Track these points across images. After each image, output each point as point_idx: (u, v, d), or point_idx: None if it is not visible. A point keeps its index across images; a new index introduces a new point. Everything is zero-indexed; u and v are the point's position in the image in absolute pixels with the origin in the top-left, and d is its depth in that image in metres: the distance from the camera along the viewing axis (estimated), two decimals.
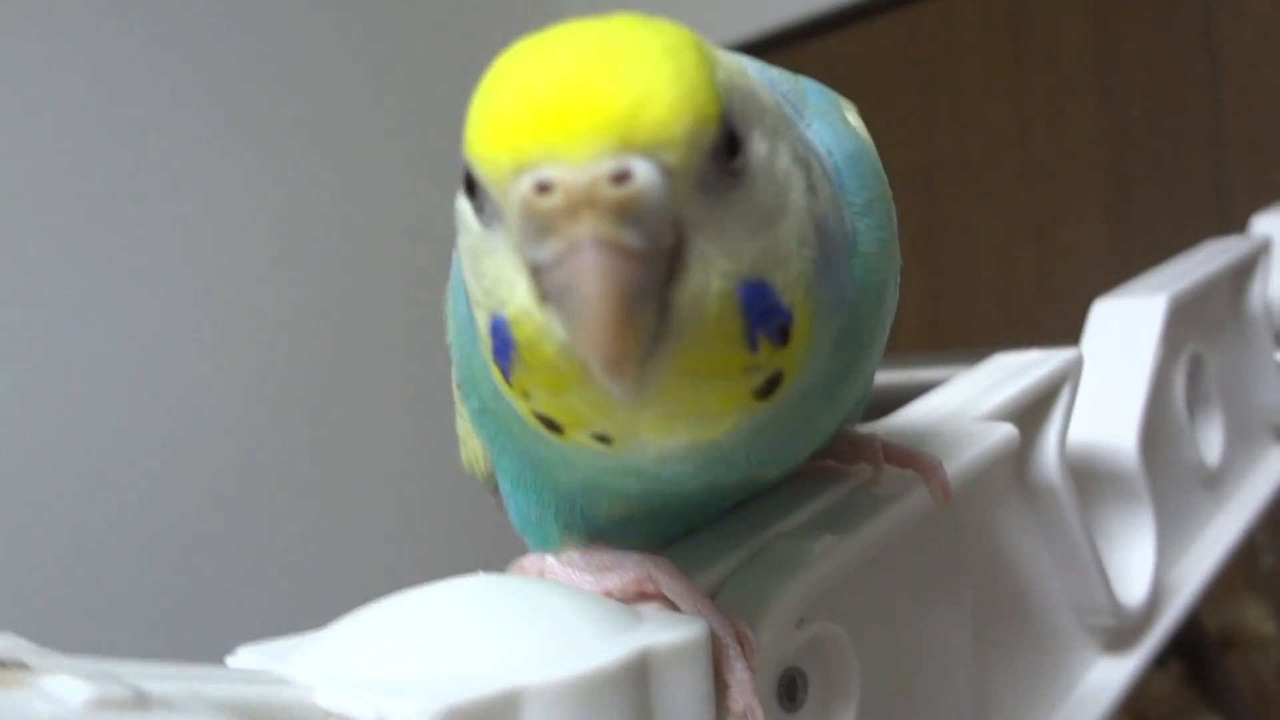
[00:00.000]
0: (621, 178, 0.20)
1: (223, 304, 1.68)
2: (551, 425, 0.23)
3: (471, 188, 0.23)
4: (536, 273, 0.21)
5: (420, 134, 1.88)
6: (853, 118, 0.30)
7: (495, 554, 0.33)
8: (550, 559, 0.31)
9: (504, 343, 0.22)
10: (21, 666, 0.18)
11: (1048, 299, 1.62)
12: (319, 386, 1.77)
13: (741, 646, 0.26)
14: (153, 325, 1.61)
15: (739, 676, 0.26)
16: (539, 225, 0.20)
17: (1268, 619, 0.75)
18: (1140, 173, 1.59)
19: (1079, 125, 1.65)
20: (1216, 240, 0.67)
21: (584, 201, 0.20)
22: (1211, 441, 0.59)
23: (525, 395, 0.23)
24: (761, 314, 0.22)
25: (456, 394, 0.33)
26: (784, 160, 0.24)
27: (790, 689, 0.29)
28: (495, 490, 0.34)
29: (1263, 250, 0.64)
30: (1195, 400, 0.59)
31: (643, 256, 0.20)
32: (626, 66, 0.21)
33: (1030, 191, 1.69)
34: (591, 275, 0.20)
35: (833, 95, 0.30)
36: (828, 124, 0.28)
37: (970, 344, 1.64)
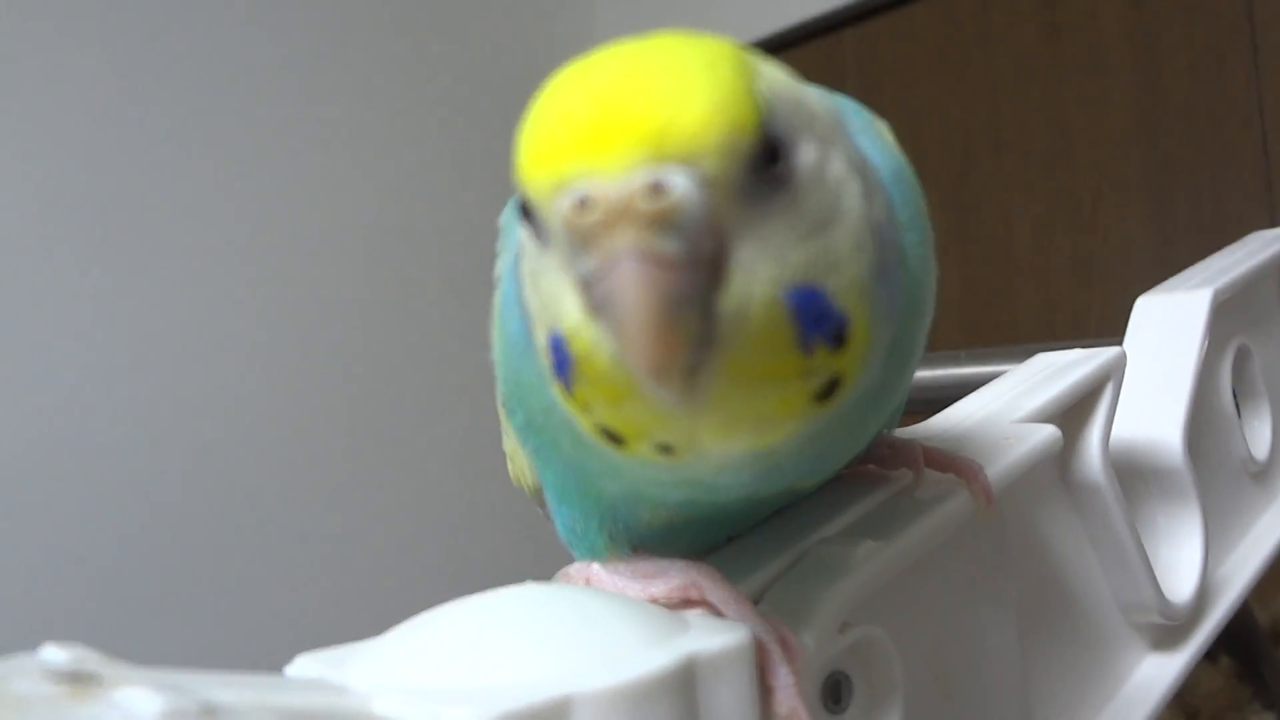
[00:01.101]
0: (657, 190, 0.20)
1: (271, 313, 1.70)
2: (614, 438, 0.24)
3: (528, 212, 0.23)
4: (584, 287, 0.21)
5: (463, 147, 1.89)
6: (888, 135, 0.31)
7: (542, 564, 0.34)
8: (596, 567, 0.31)
9: (563, 358, 0.23)
10: (92, 679, 0.19)
11: (1089, 289, 1.60)
12: (373, 401, 1.79)
13: (786, 651, 0.26)
14: (198, 334, 1.63)
15: (783, 681, 0.26)
16: (581, 241, 0.21)
17: None
18: (1181, 156, 1.56)
19: (1117, 109, 1.63)
20: (1262, 232, 0.66)
21: (621, 215, 0.20)
22: (1260, 434, 0.59)
23: (587, 408, 0.23)
24: (815, 319, 0.22)
25: (501, 411, 0.33)
26: (837, 167, 0.24)
27: (835, 692, 0.29)
28: (542, 503, 0.35)
29: None
30: (1243, 393, 0.58)
31: (681, 265, 0.20)
32: (660, 81, 0.21)
33: (1068, 178, 1.67)
34: (630, 286, 0.20)
35: (868, 113, 0.31)
36: (869, 140, 0.29)
37: (1010, 337, 1.63)
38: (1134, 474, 0.48)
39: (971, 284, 1.74)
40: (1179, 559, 0.48)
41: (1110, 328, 0.56)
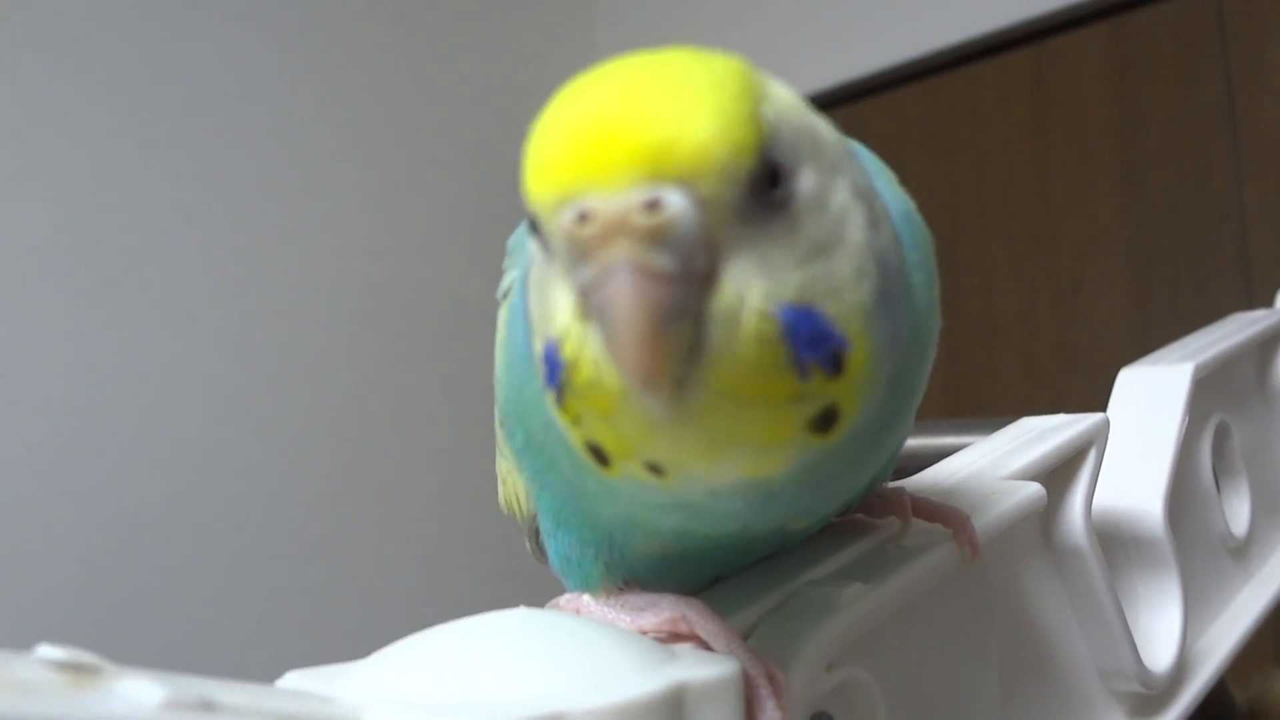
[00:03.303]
0: (652, 207, 0.21)
1: (270, 341, 1.72)
2: (600, 456, 0.24)
3: (535, 224, 0.24)
4: (581, 296, 0.22)
5: (450, 176, 1.94)
6: (897, 182, 0.31)
7: (531, 598, 0.34)
8: (586, 598, 0.32)
9: (554, 366, 0.23)
10: (93, 670, 0.19)
11: (1070, 368, 1.63)
12: (363, 429, 1.82)
13: (773, 686, 0.27)
14: (195, 361, 1.64)
15: (770, 716, 0.26)
16: (579, 252, 0.22)
17: None
18: (1162, 244, 1.60)
19: (1101, 195, 1.66)
20: (1242, 314, 0.67)
21: (617, 228, 0.21)
22: (1239, 512, 0.59)
23: (577, 421, 0.24)
24: (810, 340, 0.22)
25: (499, 432, 0.34)
26: (842, 195, 0.25)
27: None
28: (532, 534, 0.35)
29: None
30: (1222, 470, 0.59)
31: (673, 278, 0.21)
32: (664, 101, 0.22)
33: (1053, 262, 1.70)
34: (623, 295, 0.21)
35: (877, 159, 0.32)
36: (882, 181, 0.30)
37: (992, 412, 1.65)
38: (1115, 542, 0.49)
39: (956, 362, 1.76)
40: (1158, 628, 0.49)
41: (1092, 406, 0.57)
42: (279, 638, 1.63)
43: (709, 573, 0.33)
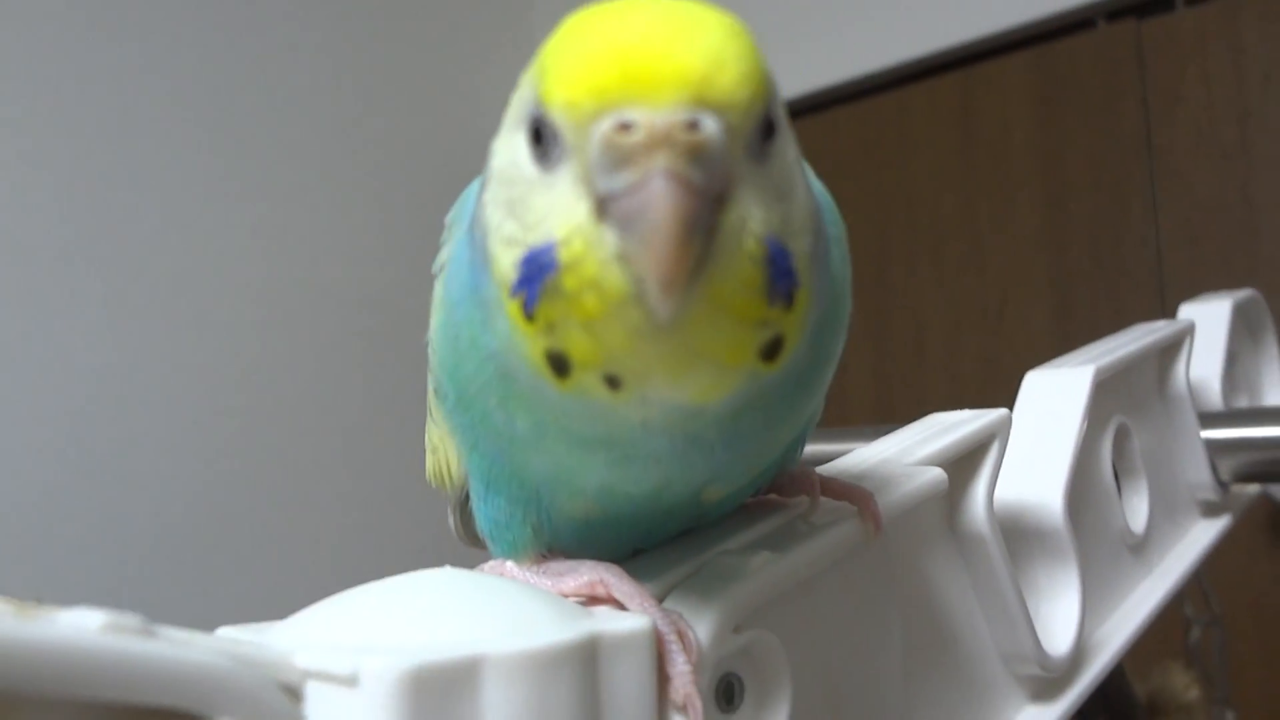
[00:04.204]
0: (693, 126, 0.23)
1: (207, 337, 1.73)
2: (561, 365, 0.25)
3: (537, 137, 0.26)
4: (604, 202, 0.24)
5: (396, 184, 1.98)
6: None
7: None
8: (510, 564, 0.33)
9: (537, 270, 0.25)
10: (37, 604, 0.20)
11: (995, 385, 1.67)
12: (297, 419, 1.82)
13: (683, 643, 0.28)
14: (141, 355, 1.63)
15: (679, 669, 0.28)
16: (616, 159, 0.24)
17: (1193, 686, 0.78)
18: (1082, 264, 1.65)
19: (1024, 217, 1.72)
20: (1145, 323, 0.71)
21: (662, 140, 0.23)
22: (1138, 510, 0.63)
23: (546, 328, 0.25)
24: (781, 272, 0.25)
25: (431, 398, 0.35)
26: (792, 154, 0.28)
27: (728, 693, 0.31)
28: (459, 505, 0.36)
29: (1187, 334, 0.69)
30: (1123, 470, 0.62)
31: (702, 193, 0.23)
32: (702, 37, 0.25)
33: (978, 282, 1.75)
34: (662, 201, 0.23)
35: None
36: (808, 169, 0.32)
37: None
38: (1018, 533, 0.52)
39: (885, 378, 1.80)
40: (1058, 615, 0.51)
41: None
42: (211, 617, 1.64)
43: (628, 544, 0.34)
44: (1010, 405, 0.57)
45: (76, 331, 1.57)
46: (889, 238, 1.83)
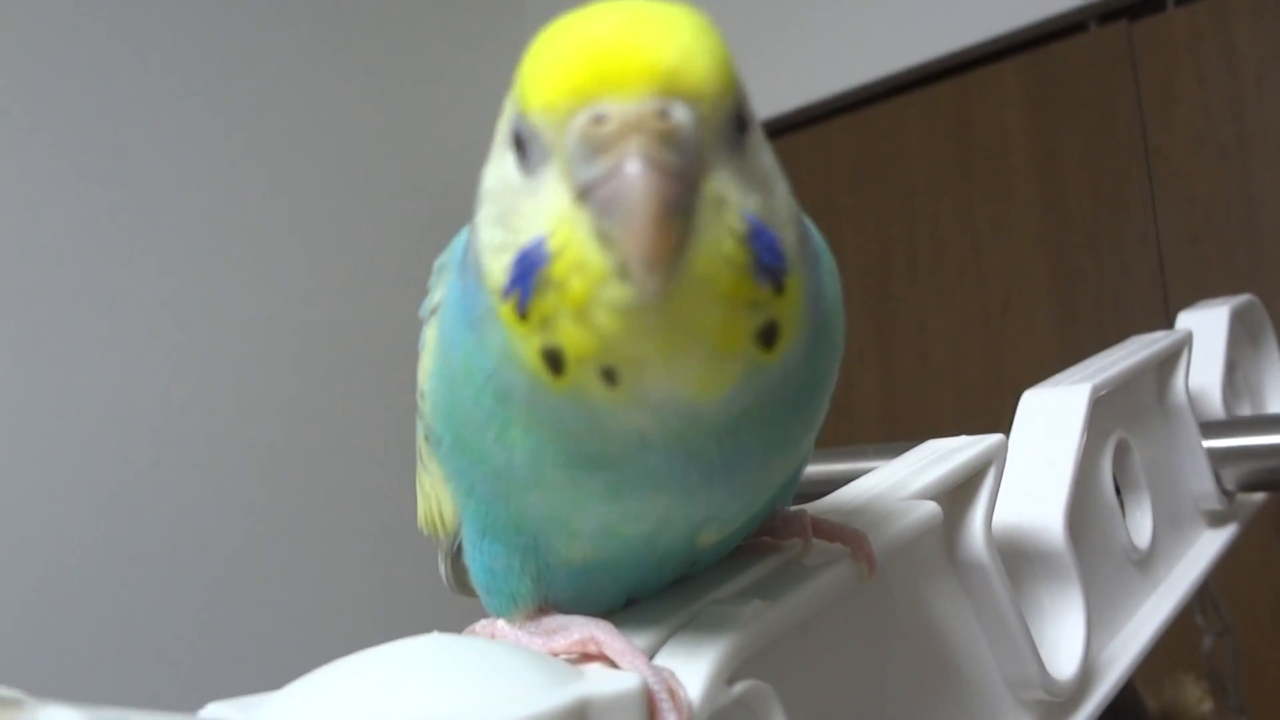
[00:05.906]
0: (664, 114, 0.24)
1: (192, 376, 1.74)
2: (557, 362, 0.26)
3: (520, 146, 0.27)
4: (584, 191, 0.25)
5: (381, 216, 2.00)
6: None
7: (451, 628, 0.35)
8: (501, 623, 0.33)
9: (530, 266, 0.25)
10: (16, 702, 0.20)
11: (1000, 391, 1.67)
12: (283, 468, 1.81)
13: (674, 701, 0.28)
14: (120, 395, 1.63)
15: None
16: (592, 149, 0.24)
17: (1206, 699, 0.77)
18: (1084, 269, 1.65)
19: (1023, 222, 1.72)
20: (1143, 335, 0.71)
21: (634, 127, 0.24)
22: (1141, 525, 0.62)
23: (541, 325, 0.25)
24: (767, 250, 0.26)
25: (422, 445, 0.35)
26: (770, 158, 0.29)
27: None
28: (452, 554, 0.36)
29: (1185, 344, 0.68)
30: (1125, 485, 0.62)
31: (677, 175, 0.24)
32: (669, 33, 0.26)
33: (980, 289, 1.75)
34: (637, 183, 0.24)
35: None
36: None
37: (927, 434, 1.69)
38: (1019, 556, 0.51)
39: (889, 388, 1.80)
40: (1063, 637, 0.51)
41: None
42: (198, 675, 1.63)
43: (624, 591, 0.34)
44: (1015, 410, 0.57)
45: (57, 380, 1.57)
46: (889, 247, 1.83)
